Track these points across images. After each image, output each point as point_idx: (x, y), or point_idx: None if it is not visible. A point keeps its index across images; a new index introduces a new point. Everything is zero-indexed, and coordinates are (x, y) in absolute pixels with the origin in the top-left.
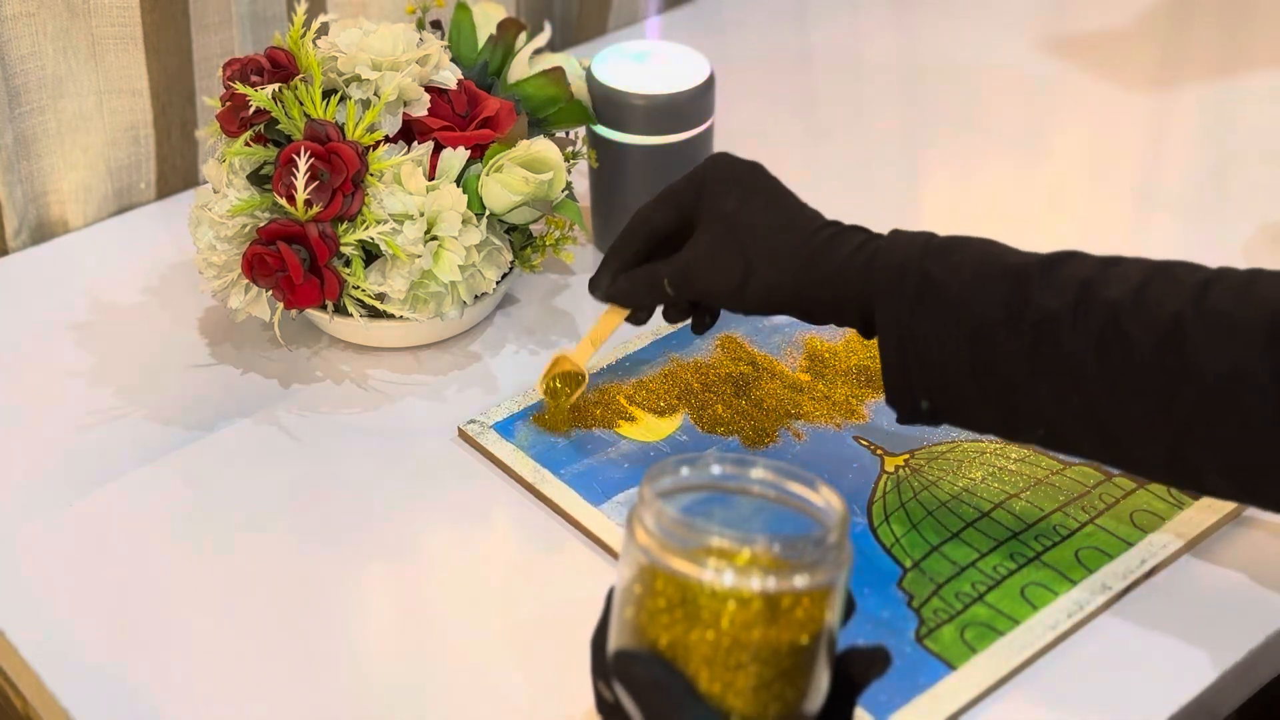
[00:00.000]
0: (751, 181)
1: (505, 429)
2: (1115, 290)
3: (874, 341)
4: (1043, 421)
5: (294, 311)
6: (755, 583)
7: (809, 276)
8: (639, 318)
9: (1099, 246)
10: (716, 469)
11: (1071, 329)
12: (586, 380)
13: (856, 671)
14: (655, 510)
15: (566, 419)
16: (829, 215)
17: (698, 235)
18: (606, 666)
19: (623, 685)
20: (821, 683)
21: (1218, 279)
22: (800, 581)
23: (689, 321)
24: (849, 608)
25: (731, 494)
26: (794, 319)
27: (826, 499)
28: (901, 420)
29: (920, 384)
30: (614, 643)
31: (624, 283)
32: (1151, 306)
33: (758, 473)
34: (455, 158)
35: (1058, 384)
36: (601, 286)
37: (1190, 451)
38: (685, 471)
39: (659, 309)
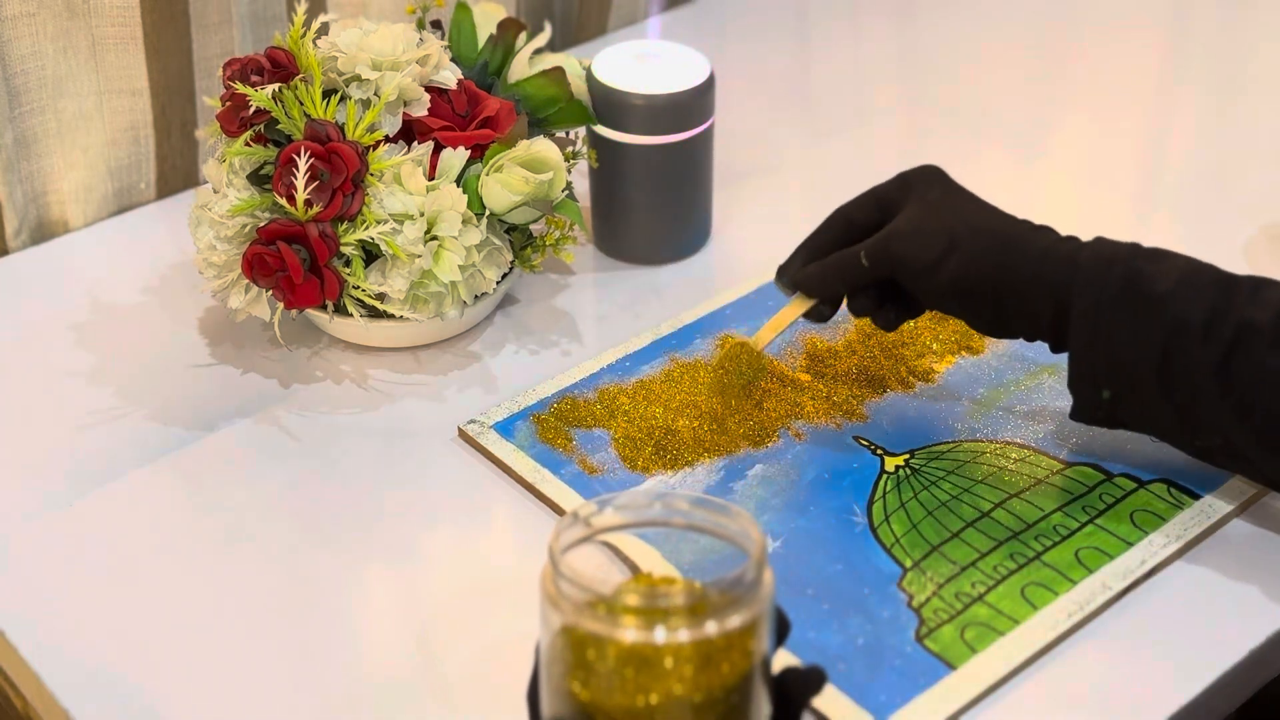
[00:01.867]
0: (954, 184)
1: (505, 429)
2: None
3: (874, 341)
4: (1220, 432)
5: (294, 311)
6: (682, 634)
7: (1011, 257)
8: (822, 311)
9: None
10: (611, 513)
11: (1272, 344)
12: (764, 362)
13: (795, 692)
14: (566, 570)
15: (738, 395)
16: (828, 214)
17: (900, 216)
18: None
19: None
20: (762, 712)
21: None
22: (727, 623)
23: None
24: (783, 628)
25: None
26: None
27: (743, 526)
28: (1077, 413)
29: (1105, 375)
30: (547, 710)
31: (815, 267)
32: None
33: (663, 505)
34: (455, 158)
35: (1245, 395)
36: (790, 273)
37: None
38: (592, 522)
39: (843, 305)
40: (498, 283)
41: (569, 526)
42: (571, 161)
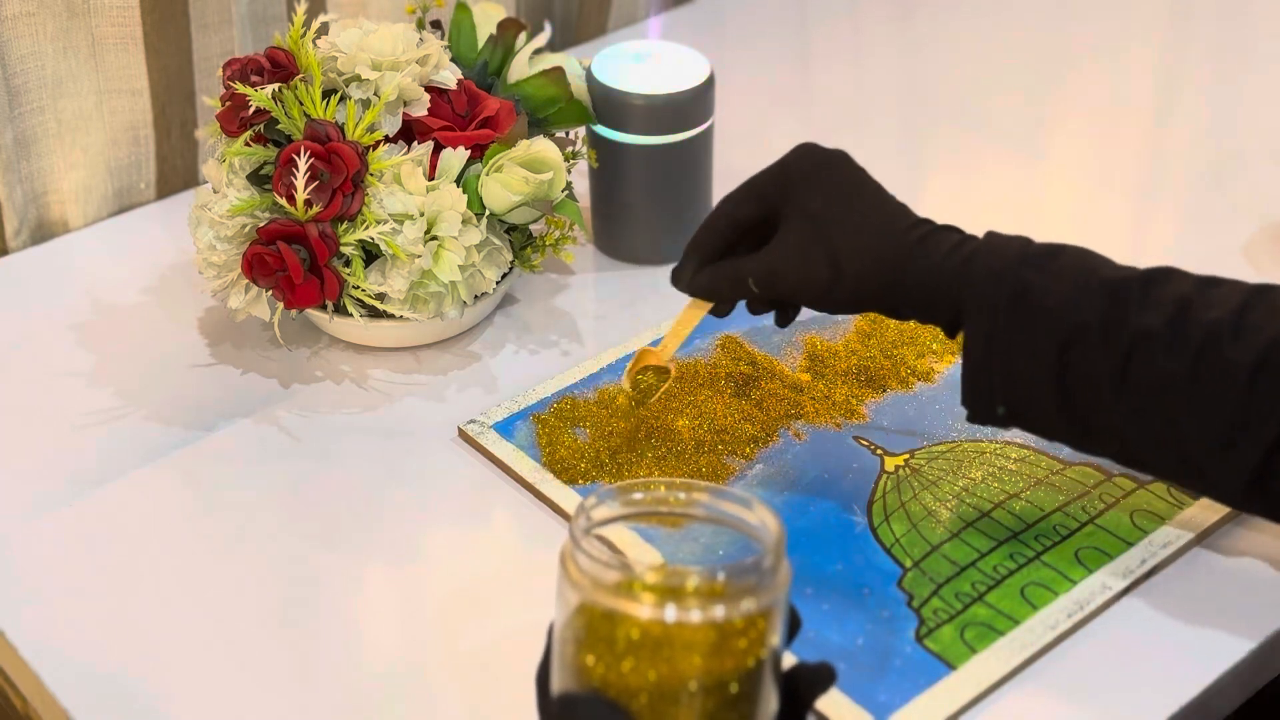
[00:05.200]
0: (837, 175)
1: (505, 429)
2: (1215, 311)
3: (874, 341)
4: (1118, 438)
5: (294, 311)
6: (697, 615)
7: (900, 278)
8: (721, 310)
9: (1099, 246)
10: (639, 495)
11: (1168, 348)
12: (673, 374)
13: (803, 688)
14: (587, 547)
15: (644, 410)
16: None
17: (782, 234)
18: (551, 707)
19: None
20: (770, 703)
21: None
22: (741, 608)
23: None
24: (794, 625)
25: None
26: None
27: (761, 518)
28: (972, 419)
29: (1001, 389)
30: (556, 685)
31: (707, 277)
32: (1250, 330)
33: (685, 495)
34: (455, 158)
35: (1143, 401)
36: (684, 279)
37: (1273, 480)
38: (614, 503)
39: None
40: (498, 283)
41: (595, 506)
42: (571, 161)
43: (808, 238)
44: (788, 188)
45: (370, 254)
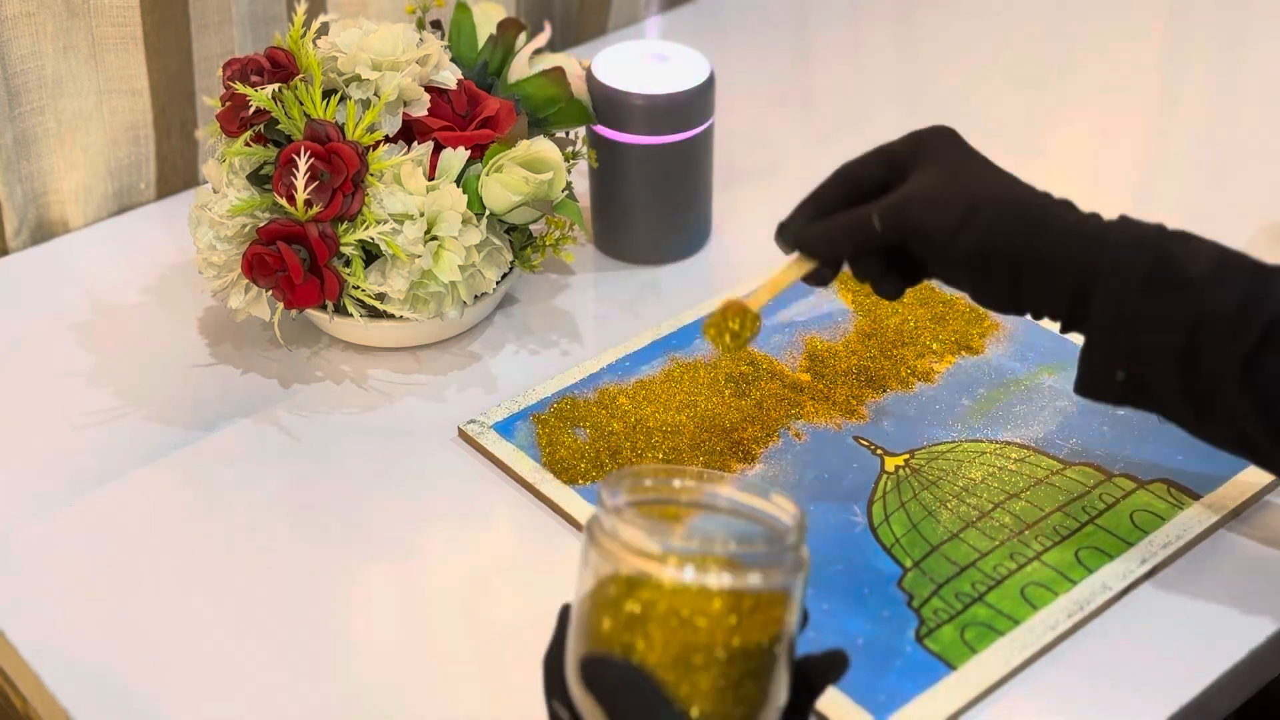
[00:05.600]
0: (970, 148)
1: (505, 429)
2: None
3: (874, 341)
4: (1235, 427)
5: (294, 311)
6: (717, 579)
7: (1033, 230)
8: (822, 275)
9: None
10: (676, 482)
11: None
12: (760, 322)
13: (815, 676)
14: (616, 514)
15: (732, 353)
16: None
17: (915, 177)
18: (562, 685)
19: (592, 691)
20: (782, 686)
21: None
22: (759, 580)
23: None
24: (803, 619)
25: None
26: (795, 322)
27: (780, 505)
28: (1084, 390)
29: (1125, 357)
30: (578, 649)
31: (820, 226)
32: None
33: (713, 488)
34: (455, 158)
35: (1268, 393)
36: (792, 230)
37: None
38: (647, 482)
39: (844, 267)
40: (498, 283)
41: (624, 480)
42: (571, 161)
43: (945, 176)
44: (920, 149)
45: (370, 254)
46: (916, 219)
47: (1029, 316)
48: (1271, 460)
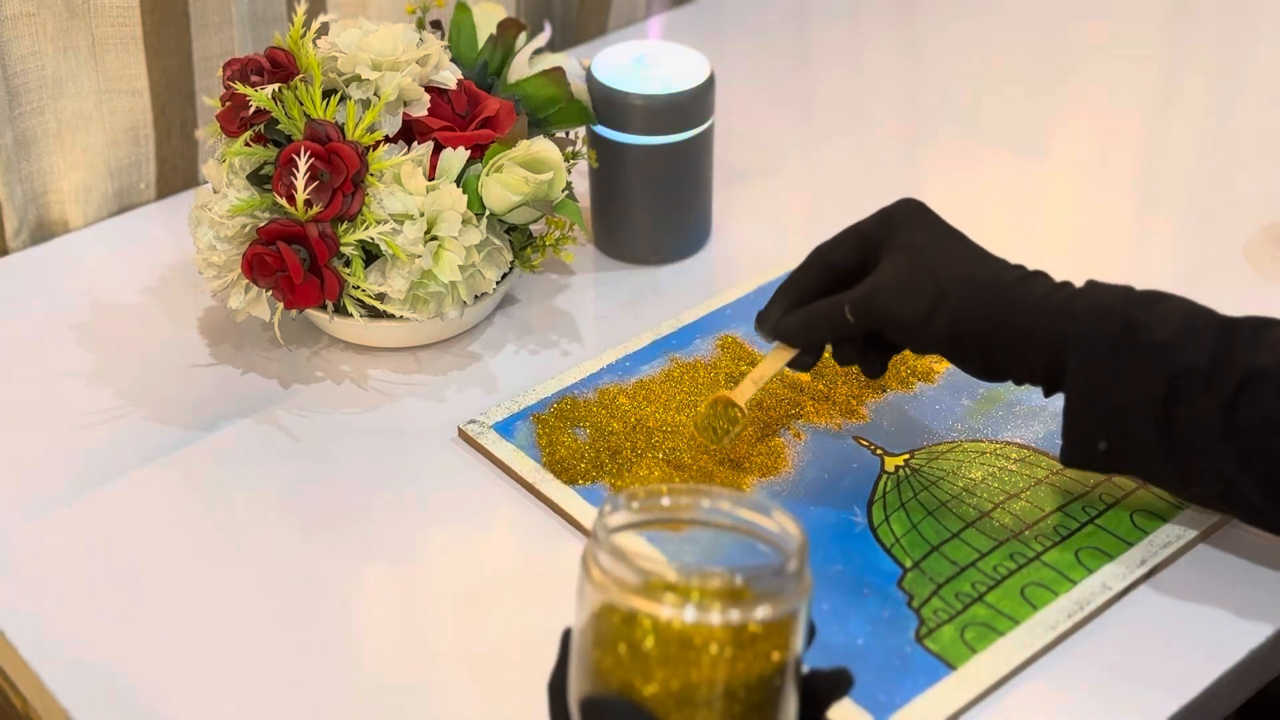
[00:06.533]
0: (939, 220)
1: (505, 429)
2: None
3: None
4: (1221, 481)
5: (294, 311)
6: (717, 616)
7: (1003, 310)
8: (805, 360)
9: (1099, 246)
10: (666, 500)
11: (1278, 389)
12: (747, 418)
13: (821, 694)
14: (610, 549)
15: (721, 448)
16: (828, 214)
17: (883, 265)
18: (567, 714)
19: None
20: (790, 710)
21: None
22: (763, 612)
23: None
24: (810, 633)
25: (688, 526)
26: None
27: (782, 525)
28: (1070, 462)
29: (1101, 427)
30: (577, 689)
31: (798, 318)
32: None
33: (709, 503)
34: (455, 158)
35: (1250, 443)
36: (770, 321)
37: None
38: (636, 505)
39: (825, 352)
40: (498, 283)
41: (617, 509)
42: (571, 161)
43: (911, 265)
44: (890, 228)
45: (370, 254)
46: (885, 309)
47: (1013, 383)
48: (1260, 512)
